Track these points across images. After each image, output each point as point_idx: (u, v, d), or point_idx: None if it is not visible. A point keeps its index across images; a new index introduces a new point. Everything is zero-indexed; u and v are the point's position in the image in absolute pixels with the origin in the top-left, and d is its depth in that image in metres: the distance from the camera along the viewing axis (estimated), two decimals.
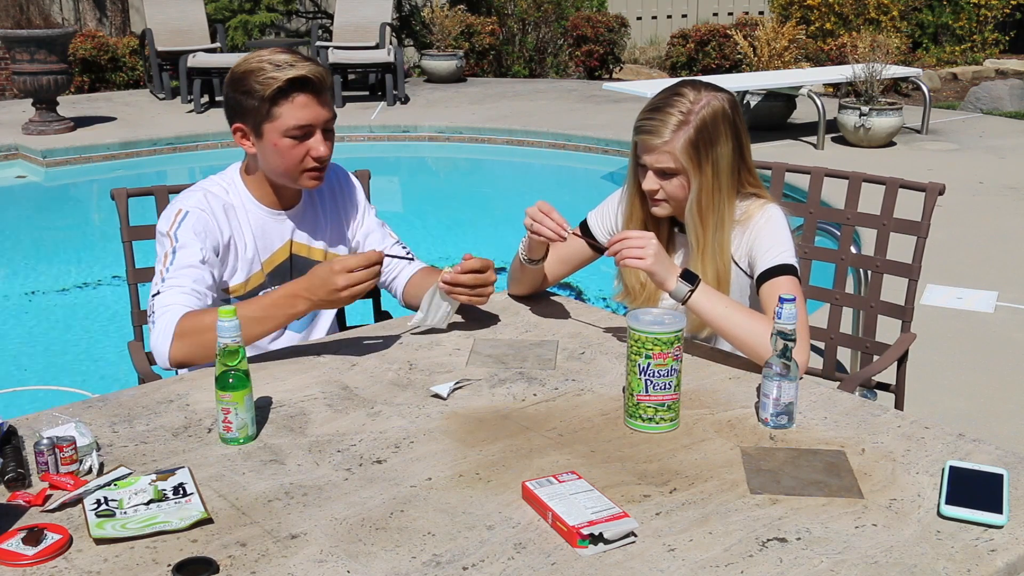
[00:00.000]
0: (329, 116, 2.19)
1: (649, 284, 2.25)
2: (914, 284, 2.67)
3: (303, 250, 2.33)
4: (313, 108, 2.14)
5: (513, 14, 12.57)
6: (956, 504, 1.47)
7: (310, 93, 2.14)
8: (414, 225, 6.93)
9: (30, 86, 8.30)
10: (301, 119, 2.13)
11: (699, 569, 1.35)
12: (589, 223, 2.39)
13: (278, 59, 2.13)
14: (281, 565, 1.35)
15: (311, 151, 2.17)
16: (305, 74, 2.11)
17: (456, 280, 2.12)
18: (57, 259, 6.19)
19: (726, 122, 2.09)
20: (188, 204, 2.20)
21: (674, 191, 2.13)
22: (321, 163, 2.20)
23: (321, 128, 2.17)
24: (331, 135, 2.21)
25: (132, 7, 11.69)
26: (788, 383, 1.74)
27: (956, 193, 6.38)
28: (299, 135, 2.15)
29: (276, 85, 2.10)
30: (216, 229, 2.19)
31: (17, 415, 1.80)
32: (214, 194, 2.24)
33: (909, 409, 2.50)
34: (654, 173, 2.12)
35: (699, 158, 2.08)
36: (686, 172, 2.09)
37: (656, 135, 2.08)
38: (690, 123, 2.06)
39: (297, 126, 2.13)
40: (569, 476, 1.54)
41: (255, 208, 2.27)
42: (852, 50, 9.82)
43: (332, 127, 2.21)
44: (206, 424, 1.77)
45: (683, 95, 2.10)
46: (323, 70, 2.17)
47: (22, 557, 1.35)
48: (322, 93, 2.16)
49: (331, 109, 2.20)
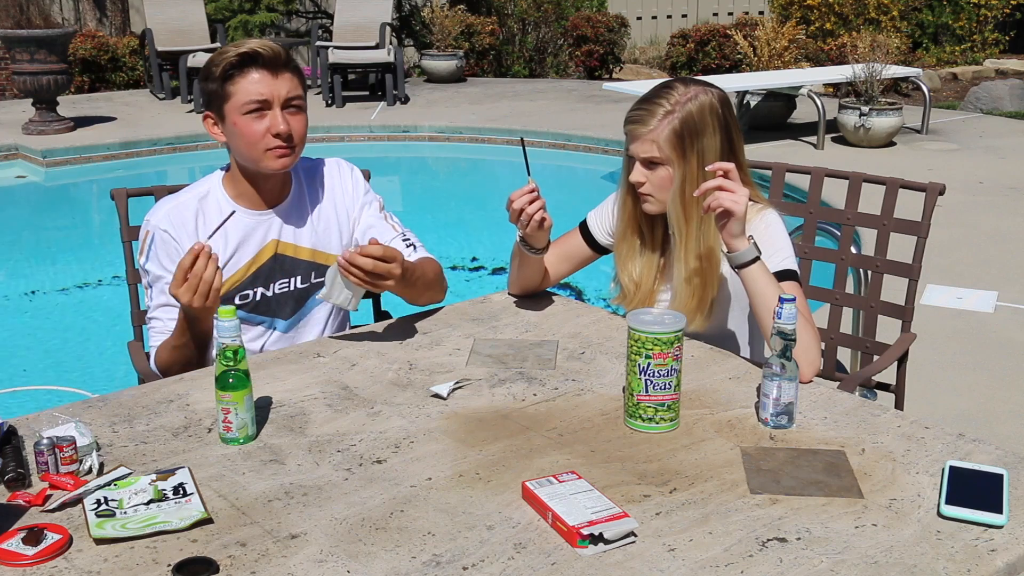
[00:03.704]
0: (289, 92, 2.15)
1: (644, 285, 2.25)
2: (914, 284, 2.66)
3: (289, 249, 2.30)
4: (267, 82, 2.12)
5: (513, 14, 12.57)
6: (956, 504, 1.47)
7: (263, 67, 2.12)
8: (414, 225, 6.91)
9: (30, 86, 8.30)
10: (254, 94, 2.12)
11: (699, 569, 1.35)
12: (588, 223, 2.40)
13: (238, 43, 2.15)
14: (281, 565, 1.35)
15: (271, 127, 2.13)
16: (256, 48, 2.11)
17: (353, 260, 2.01)
18: (57, 259, 6.20)
19: (713, 115, 2.10)
20: (154, 222, 2.23)
21: (659, 183, 2.12)
22: (284, 140, 2.15)
23: (281, 104, 2.14)
24: (299, 113, 2.18)
25: (132, 7, 11.69)
26: (788, 383, 1.74)
27: (956, 193, 6.38)
28: (255, 109, 2.12)
29: (227, 61, 2.12)
30: (176, 250, 2.19)
31: (17, 415, 1.80)
32: (185, 204, 2.23)
33: (909, 409, 2.50)
34: (641, 164, 2.13)
35: (683, 148, 2.08)
36: (670, 162, 2.10)
37: (642, 124, 2.10)
38: (675, 113, 2.08)
39: (251, 100, 2.12)
40: (569, 476, 1.54)
41: (233, 208, 2.24)
42: (852, 50, 9.81)
43: (298, 104, 2.18)
44: (206, 424, 1.77)
45: (673, 88, 2.13)
46: (279, 48, 2.15)
47: (22, 557, 1.35)
48: (276, 67, 2.13)
49: (294, 85, 2.16)
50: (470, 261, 5.95)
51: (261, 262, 2.28)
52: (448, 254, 6.10)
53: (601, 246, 2.39)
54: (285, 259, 2.29)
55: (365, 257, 2.01)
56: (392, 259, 2.04)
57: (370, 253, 2.02)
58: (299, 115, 2.19)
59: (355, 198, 2.38)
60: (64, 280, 5.69)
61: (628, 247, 2.28)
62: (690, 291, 2.16)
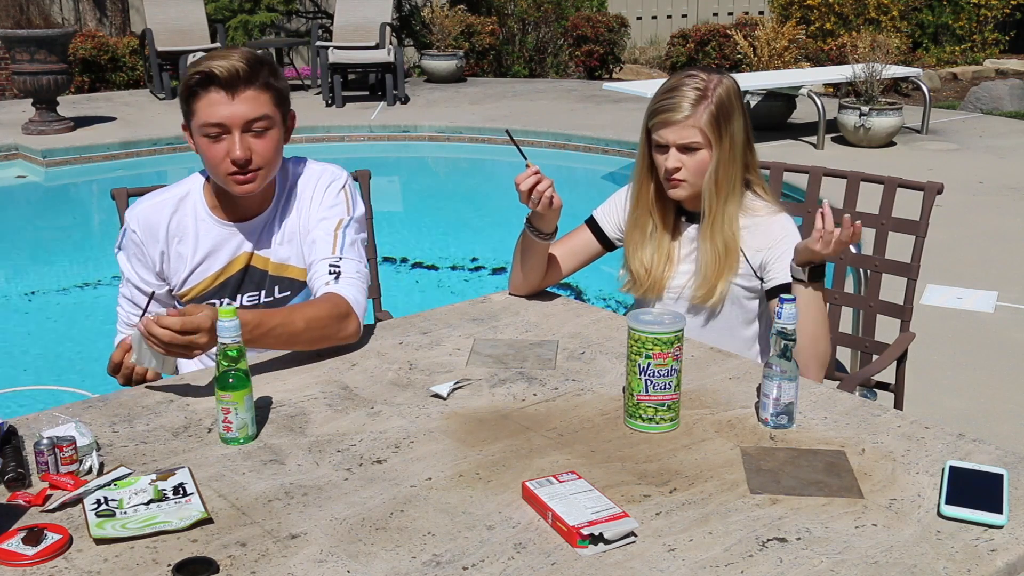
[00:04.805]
0: (250, 114, 2.03)
1: (654, 271, 2.30)
2: (913, 283, 2.67)
3: (260, 262, 2.22)
4: (224, 106, 2.02)
5: (513, 14, 12.57)
6: (956, 504, 1.47)
7: (220, 89, 2.01)
8: (414, 225, 6.92)
9: (30, 86, 8.30)
10: (211, 116, 2.02)
11: (699, 569, 1.35)
12: (597, 219, 2.43)
13: (209, 56, 2.05)
14: (281, 565, 1.35)
15: (228, 152, 2.04)
16: (212, 68, 2.00)
17: (150, 329, 1.80)
18: (57, 259, 6.19)
19: (738, 99, 2.21)
20: (130, 218, 2.22)
21: (696, 166, 2.19)
22: (241, 166, 2.05)
23: (242, 127, 2.03)
24: (264, 134, 2.06)
25: (132, 7, 11.69)
26: (788, 383, 1.74)
27: (956, 193, 6.38)
28: (213, 134, 2.04)
29: (187, 81, 2.04)
30: (144, 253, 2.19)
31: (17, 415, 1.80)
32: (162, 205, 2.20)
33: (909, 409, 2.51)
34: (677, 150, 2.18)
35: (720, 132, 2.17)
36: (709, 146, 2.17)
37: (678, 111, 2.16)
38: (709, 98, 2.16)
39: (208, 123, 2.03)
40: (569, 476, 1.54)
41: (207, 218, 2.20)
42: (852, 50, 9.82)
43: (263, 125, 2.05)
44: (206, 424, 1.77)
45: (695, 76, 2.20)
46: (241, 65, 2.01)
47: (22, 557, 1.35)
48: (234, 88, 2.01)
49: (258, 105, 2.04)
50: (470, 261, 5.95)
51: (231, 273, 2.22)
52: (448, 254, 6.10)
53: (610, 240, 2.41)
54: (256, 272, 2.23)
55: (162, 328, 1.79)
56: (195, 330, 1.80)
57: (168, 324, 1.79)
58: (264, 137, 2.07)
59: (314, 212, 2.21)
60: (64, 280, 5.69)
61: (640, 234, 2.32)
62: (716, 266, 2.23)
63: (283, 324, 1.96)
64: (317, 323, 2.00)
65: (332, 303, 2.05)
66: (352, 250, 2.16)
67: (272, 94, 2.07)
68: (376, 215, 2.92)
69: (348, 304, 2.07)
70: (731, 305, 2.28)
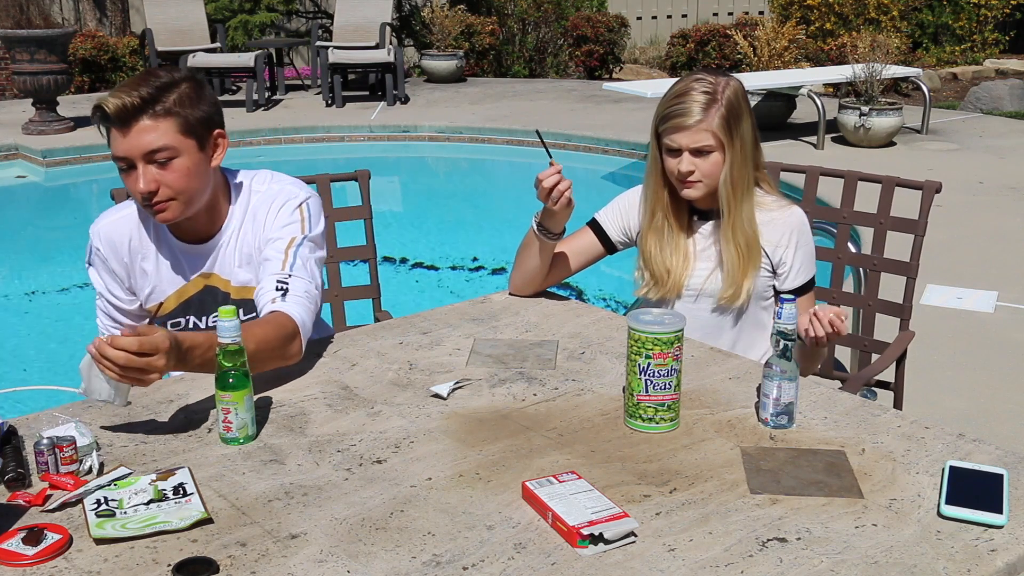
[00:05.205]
0: (150, 145, 1.94)
1: (675, 271, 2.32)
2: (912, 282, 2.68)
3: (220, 283, 2.18)
4: (120, 141, 1.95)
5: (513, 14, 12.57)
6: (956, 504, 1.47)
7: (114, 126, 1.95)
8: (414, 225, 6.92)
9: (30, 86, 8.30)
10: (113, 151, 1.97)
11: (699, 569, 1.35)
12: (601, 222, 2.43)
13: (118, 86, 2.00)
14: (281, 565, 1.36)
15: (135, 186, 1.98)
16: (102, 104, 1.94)
17: (103, 352, 1.64)
18: (57, 259, 6.19)
19: (745, 100, 2.24)
20: (93, 233, 2.19)
21: (709, 169, 2.21)
22: (147, 199, 1.99)
23: (144, 159, 1.96)
24: (169, 163, 1.97)
25: (132, 7, 11.69)
26: (788, 383, 1.74)
27: (956, 193, 6.38)
28: (121, 167, 1.99)
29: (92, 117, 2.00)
30: (106, 268, 2.18)
31: (17, 415, 1.81)
32: (124, 220, 2.17)
33: (909, 409, 2.51)
34: (690, 154, 2.20)
35: (731, 133, 2.20)
36: (722, 148, 2.20)
37: (689, 116, 2.18)
38: (719, 101, 2.19)
39: (113, 157, 1.98)
40: (569, 476, 1.54)
41: (167, 236, 2.16)
42: (852, 50, 9.81)
43: (168, 155, 1.96)
44: (206, 424, 1.77)
45: (702, 79, 2.22)
46: (130, 100, 1.92)
47: (22, 557, 1.35)
48: (126, 123, 1.93)
49: (158, 135, 1.95)
50: (470, 261, 5.95)
51: (190, 294, 2.19)
52: (448, 254, 6.10)
53: (612, 243, 2.41)
54: (217, 293, 2.18)
55: (117, 350, 1.63)
56: (153, 351, 1.65)
57: (123, 345, 1.63)
58: (169, 167, 1.97)
59: (268, 233, 2.13)
60: (64, 280, 5.68)
61: (657, 236, 2.33)
62: (741, 266, 2.26)
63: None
64: (266, 345, 1.90)
65: (279, 324, 1.96)
66: (303, 269, 2.07)
67: (176, 121, 1.97)
68: (376, 215, 2.92)
69: (295, 325, 1.98)
70: (756, 300, 2.31)
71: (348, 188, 3.03)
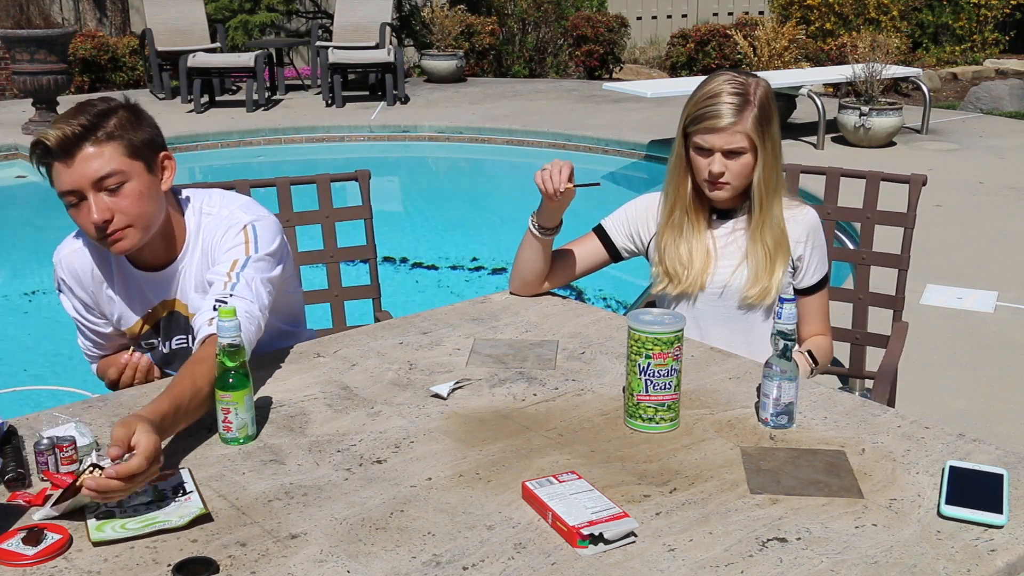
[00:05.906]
0: (98, 171, 1.89)
1: (694, 267, 2.32)
2: (904, 274, 2.71)
3: (183, 308, 2.15)
4: (66, 173, 1.89)
5: (513, 14, 12.57)
6: (956, 504, 1.47)
7: (57, 160, 1.89)
8: (414, 225, 6.92)
9: (30, 86, 8.30)
10: (60, 186, 1.91)
11: (699, 569, 1.35)
12: (606, 228, 2.41)
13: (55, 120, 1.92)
14: (281, 565, 1.36)
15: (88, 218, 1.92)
16: (42, 139, 1.88)
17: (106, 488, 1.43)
18: None
19: (773, 101, 2.26)
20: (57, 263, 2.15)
21: (739, 170, 2.22)
22: (101, 229, 1.92)
23: (94, 187, 1.89)
24: (120, 188, 1.91)
25: (132, 7, 11.70)
26: (788, 383, 1.74)
27: (956, 193, 6.38)
28: (71, 202, 1.92)
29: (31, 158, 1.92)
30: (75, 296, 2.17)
31: (17, 415, 1.80)
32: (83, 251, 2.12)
33: (909, 409, 2.50)
34: (722, 155, 2.20)
35: (763, 135, 2.21)
36: (754, 149, 2.21)
37: (722, 118, 2.18)
38: (752, 104, 2.19)
39: (61, 193, 1.91)
40: (569, 476, 1.54)
41: (125, 264, 2.12)
42: (852, 50, 9.82)
43: (118, 180, 1.91)
44: (206, 424, 1.77)
45: (733, 80, 2.22)
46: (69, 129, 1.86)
47: (22, 557, 1.35)
48: (69, 153, 1.87)
49: (105, 161, 1.89)
50: (470, 261, 5.95)
51: (156, 319, 2.17)
52: (448, 254, 6.10)
53: (617, 251, 2.40)
54: (180, 317, 2.15)
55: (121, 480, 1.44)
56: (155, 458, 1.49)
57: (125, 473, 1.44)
58: (120, 192, 1.92)
59: (216, 257, 2.07)
60: None
61: (675, 232, 2.32)
62: (768, 265, 2.27)
63: (193, 394, 1.72)
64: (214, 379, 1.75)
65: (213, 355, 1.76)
66: (247, 289, 1.97)
67: (121, 144, 1.92)
68: (376, 215, 2.92)
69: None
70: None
71: (348, 188, 3.04)
